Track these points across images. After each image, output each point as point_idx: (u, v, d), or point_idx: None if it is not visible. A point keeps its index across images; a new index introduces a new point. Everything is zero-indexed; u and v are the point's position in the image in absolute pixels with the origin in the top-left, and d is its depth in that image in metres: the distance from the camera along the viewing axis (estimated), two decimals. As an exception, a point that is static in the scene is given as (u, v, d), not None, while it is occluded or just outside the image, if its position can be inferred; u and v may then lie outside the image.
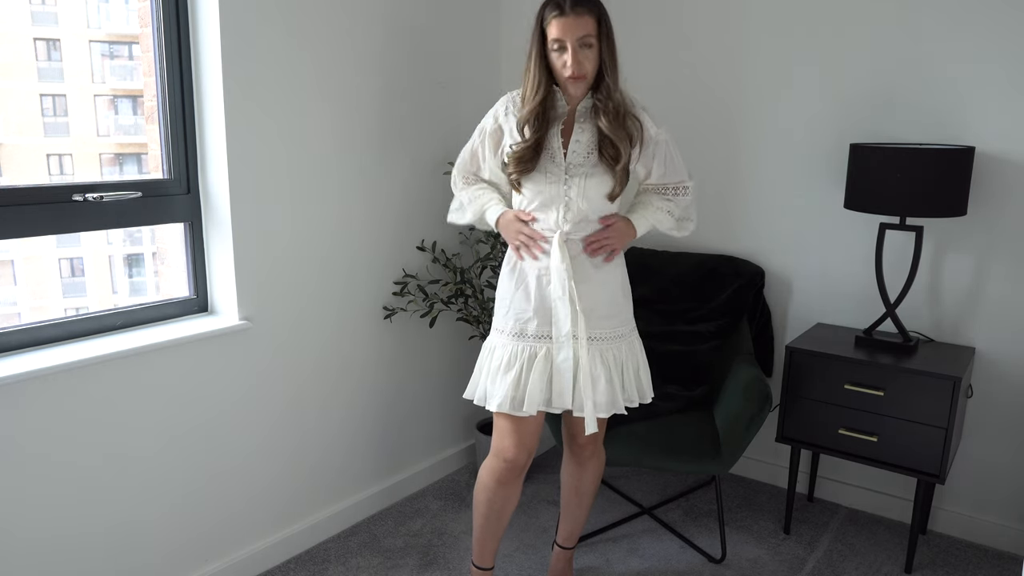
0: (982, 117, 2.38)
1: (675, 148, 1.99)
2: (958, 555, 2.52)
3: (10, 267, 2.51)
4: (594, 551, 2.54)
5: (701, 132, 2.88)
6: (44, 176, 2.41)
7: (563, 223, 1.90)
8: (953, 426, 2.27)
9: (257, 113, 2.19)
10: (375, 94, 2.53)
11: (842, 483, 2.82)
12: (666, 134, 1.96)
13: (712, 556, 2.50)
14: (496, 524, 2.06)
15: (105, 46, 2.54)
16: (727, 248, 2.90)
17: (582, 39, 1.78)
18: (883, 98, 2.52)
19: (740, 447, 2.31)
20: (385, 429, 2.78)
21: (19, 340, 1.89)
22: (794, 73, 2.67)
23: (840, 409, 2.43)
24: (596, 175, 1.88)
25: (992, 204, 2.41)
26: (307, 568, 2.42)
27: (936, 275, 2.54)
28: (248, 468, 2.32)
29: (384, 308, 2.67)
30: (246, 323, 2.23)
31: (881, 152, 2.30)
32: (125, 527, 2.03)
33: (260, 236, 2.25)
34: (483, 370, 2.00)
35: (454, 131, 2.82)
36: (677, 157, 2.00)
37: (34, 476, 1.83)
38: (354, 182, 2.51)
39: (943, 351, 2.46)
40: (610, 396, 1.93)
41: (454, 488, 2.95)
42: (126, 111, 2.53)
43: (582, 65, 1.80)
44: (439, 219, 2.82)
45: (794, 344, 2.51)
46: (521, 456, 1.98)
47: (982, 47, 2.35)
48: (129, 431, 2.00)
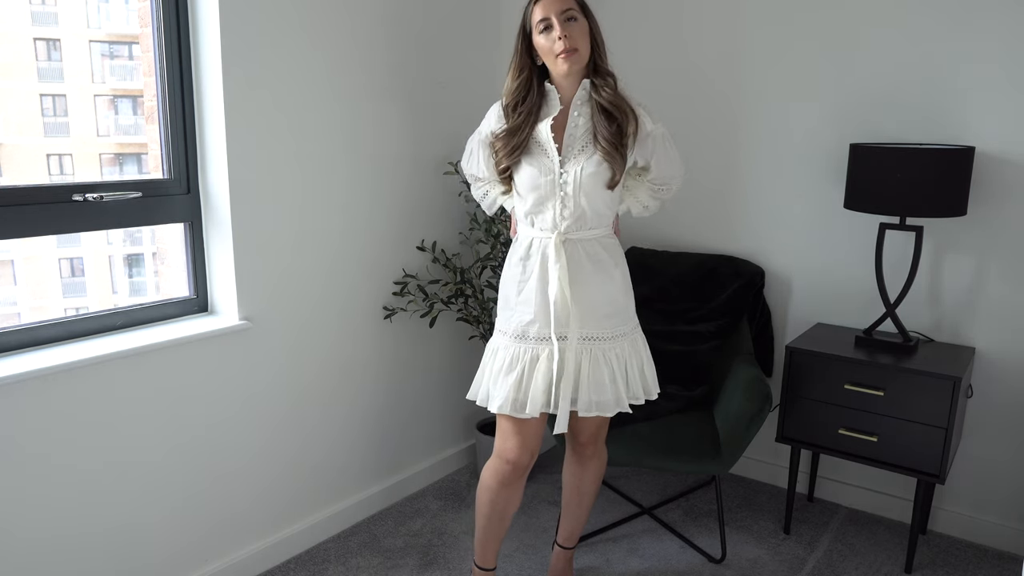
0: (982, 117, 2.38)
1: (672, 144, 1.97)
2: (958, 555, 2.52)
3: (10, 267, 2.51)
4: (594, 551, 2.54)
5: (701, 132, 2.88)
6: (44, 176, 2.41)
7: (560, 221, 1.89)
8: (953, 426, 2.27)
9: (257, 113, 2.19)
10: (375, 93, 2.53)
11: (842, 483, 2.82)
12: (663, 128, 1.94)
13: (712, 556, 2.50)
14: (498, 525, 2.06)
15: (105, 46, 2.53)
16: (727, 248, 2.90)
17: (565, 12, 1.81)
18: (883, 98, 2.52)
19: (740, 447, 2.31)
20: (385, 429, 2.78)
21: (19, 340, 1.89)
22: (794, 73, 2.67)
23: (840, 409, 2.43)
24: (593, 164, 1.86)
25: (992, 204, 2.41)
26: (307, 568, 2.42)
27: (936, 275, 2.54)
28: (248, 468, 2.32)
29: (384, 308, 2.67)
30: (246, 323, 2.23)
31: (881, 152, 2.30)
32: (125, 527, 2.03)
33: (260, 236, 2.25)
34: (486, 371, 2.00)
35: (454, 131, 2.82)
36: (674, 151, 1.97)
37: (34, 476, 1.83)
38: (354, 182, 2.51)
39: (943, 351, 2.46)
40: (614, 395, 1.93)
41: (454, 488, 2.95)
42: (126, 111, 2.52)
43: (572, 38, 1.80)
44: (439, 219, 2.83)
45: (794, 344, 2.51)
46: (524, 457, 1.97)
47: (982, 47, 2.35)
48: (129, 431, 2.00)
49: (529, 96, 1.90)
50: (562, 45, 1.79)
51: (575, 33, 1.81)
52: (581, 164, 1.86)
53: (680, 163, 1.99)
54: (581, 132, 1.88)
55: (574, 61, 1.82)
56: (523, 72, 1.90)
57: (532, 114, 1.90)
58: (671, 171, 1.97)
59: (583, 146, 1.88)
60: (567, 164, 1.87)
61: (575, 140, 1.88)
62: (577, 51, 1.81)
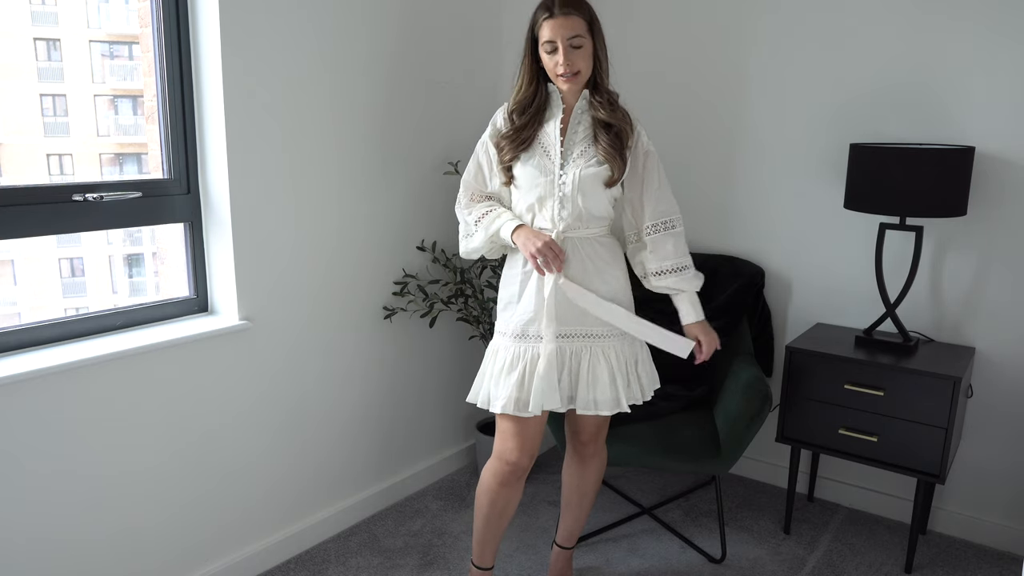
0: (982, 117, 2.38)
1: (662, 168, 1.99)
2: (958, 555, 2.52)
3: (10, 267, 2.51)
4: (594, 551, 2.54)
5: (701, 132, 2.88)
6: (44, 176, 2.41)
7: (558, 221, 1.90)
8: (953, 426, 2.27)
9: (257, 113, 2.19)
10: (375, 93, 2.53)
11: (842, 483, 2.82)
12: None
13: (712, 556, 2.50)
14: (497, 525, 2.06)
15: (105, 46, 2.54)
16: (727, 248, 2.90)
17: (572, 39, 1.82)
18: (883, 98, 2.52)
19: (740, 447, 2.31)
20: (385, 429, 2.78)
21: (19, 340, 1.89)
22: (794, 73, 2.67)
23: (840, 409, 2.43)
24: (593, 166, 1.89)
25: (992, 204, 2.41)
26: (307, 568, 2.42)
27: (936, 275, 2.54)
28: (248, 468, 2.32)
29: (384, 308, 2.67)
30: (246, 323, 2.23)
31: (881, 152, 2.30)
32: (125, 527, 2.03)
33: (260, 236, 2.25)
34: (486, 373, 2.00)
35: (454, 131, 2.83)
36: (665, 180, 1.99)
37: (33, 476, 1.83)
38: (354, 182, 2.51)
39: (943, 351, 2.46)
40: (613, 394, 1.94)
41: (454, 488, 2.95)
42: (126, 111, 2.53)
43: (573, 64, 1.84)
44: (439, 219, 2.82)
45: (794, 344, 2.51)
46: (524, 458, 1.98)
47: (982, 47, 2.35)
48: (129, 431, 2.00)
49: (535, 100, 1.94)
50: (563, 68, 1.84)
51: (578, 58, 1.84)
52: (580, 166, 1.89)
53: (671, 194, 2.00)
54: (581, 137, 1.92)
55: (574, 83, 1.87)
56: (532, 84, 1.93)
57: (537, 116, 1.94)
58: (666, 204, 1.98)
59: (583, 149, 1.91)
60: (567, 166, 1.90)
61: (575, 144, 1.91)
62: (578, 75, 1.86)
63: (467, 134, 2.13)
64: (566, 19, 1.82)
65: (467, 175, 2.06)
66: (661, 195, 1.97)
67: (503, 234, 1.96)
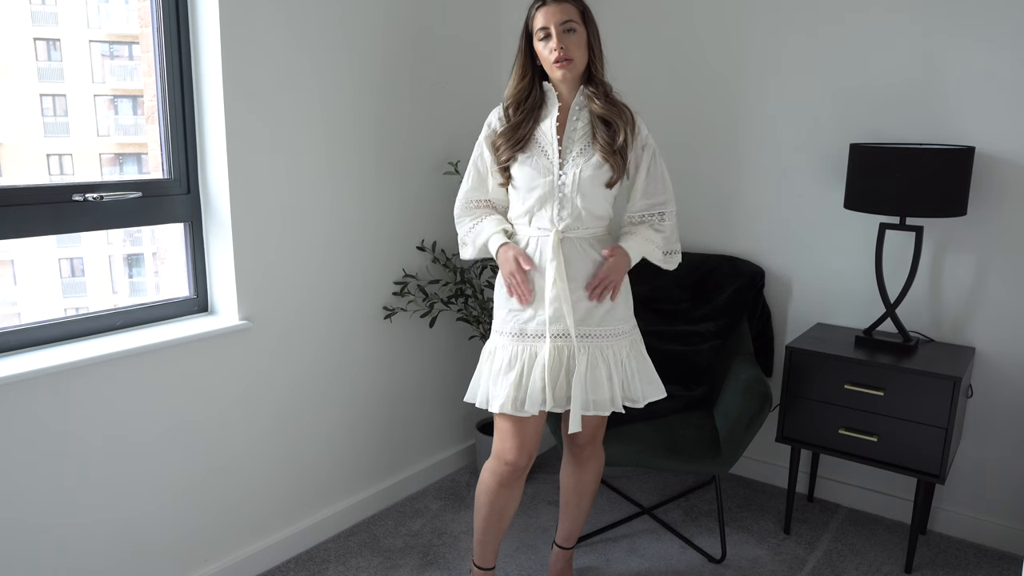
0: (982, 117, 2.38)
1: (662, 161, 2.01)
2: (958, 555, 2.52)
3: (10, 267, 2.51)
4: (594, 551, 2.54)
5: (702, 131, 2.88)
6: (44, 176, 2.41)
7: (558, 221, 1.90)
8: (953, 426, 2.27)
9: (257, 113, 2.19)
10: (375, 94, 2.53)
11: (842, 483, 2.82)
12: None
13: (712, 556, 2.50)
14: (497, 525, 2.07)
15: (105, 46, 2.53)
16: (727, 248, 2.90)
17: (565, 24, 1.84)
18: (883, 98, 2.52)
19: (740, 447, 2.31)
20: (385, 429, 2.78)
21: (19, 340, 1.89)
22: (794, 73, 2.67)
23: (840, 409, 2.43)
24: (592, 166, 1.88)
25: (992, 204, 2.41)
26: (307, 568, 2.42)
27: (936, 275, 2.54)
28: (248, 468, 2.32)
29: (384, 308, 2.67)
30: (246, 323, 2.23)
31: (881, 152, 2.30)
32: (125, 527, 2.03)
33: (260, 236, 2.25)
34: (484, 373, 2.00)
35: (454, 131, 2.83)
36: (664, 170, 2.00)
37: (33, 476, 1.83)
38: (354, 182, 2.51)
39: (943, 351, 2.46)
40: (610, 393, 1.94)
41: (454, 488, 2.95)
42: (126, 111, 2.52)
43: (567, 48, 1.84)
44: (439, 219, 2.82)
45: (794, 344, 2.51)
46: (522, 458, 1.98)
47: (982, 47, 2.35)
48: (129, 431, 2.00)
49: (531, 96, 1.94)
50: (557, 53, 1.84)
51: (572, 43, 1.85)
52: (580, 166, 1.89)
53: (668, 184, 2.01)
54: (580, 135, 1.91)
55: (568, 69, 1.87)
56: (526, 76, 1.94)
57: (533, 112, 1.94)
58: (661, 193, 1.99)
59: (582, 148, 1.90)
60: (566, 165, 1.90)
61: (574, 142, 1.91)
62: (572, 61, 1.86)
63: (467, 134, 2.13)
64: (558, 5, 1.85)
65: (463, 184, 2.08)
66: (654, 188, 1.98)
67: (490, 248, 2.01)
